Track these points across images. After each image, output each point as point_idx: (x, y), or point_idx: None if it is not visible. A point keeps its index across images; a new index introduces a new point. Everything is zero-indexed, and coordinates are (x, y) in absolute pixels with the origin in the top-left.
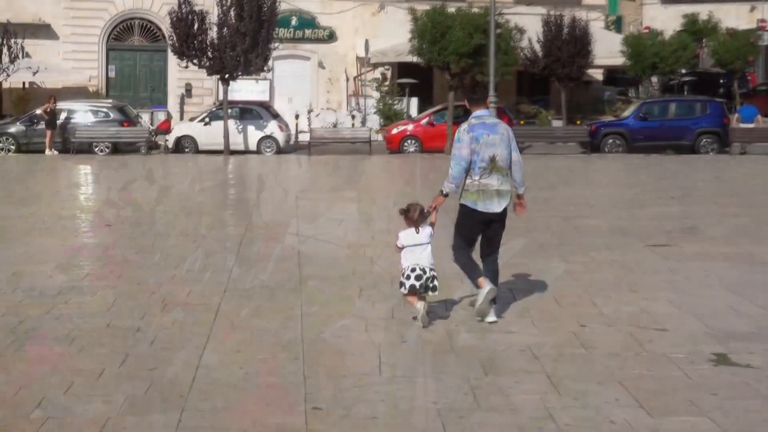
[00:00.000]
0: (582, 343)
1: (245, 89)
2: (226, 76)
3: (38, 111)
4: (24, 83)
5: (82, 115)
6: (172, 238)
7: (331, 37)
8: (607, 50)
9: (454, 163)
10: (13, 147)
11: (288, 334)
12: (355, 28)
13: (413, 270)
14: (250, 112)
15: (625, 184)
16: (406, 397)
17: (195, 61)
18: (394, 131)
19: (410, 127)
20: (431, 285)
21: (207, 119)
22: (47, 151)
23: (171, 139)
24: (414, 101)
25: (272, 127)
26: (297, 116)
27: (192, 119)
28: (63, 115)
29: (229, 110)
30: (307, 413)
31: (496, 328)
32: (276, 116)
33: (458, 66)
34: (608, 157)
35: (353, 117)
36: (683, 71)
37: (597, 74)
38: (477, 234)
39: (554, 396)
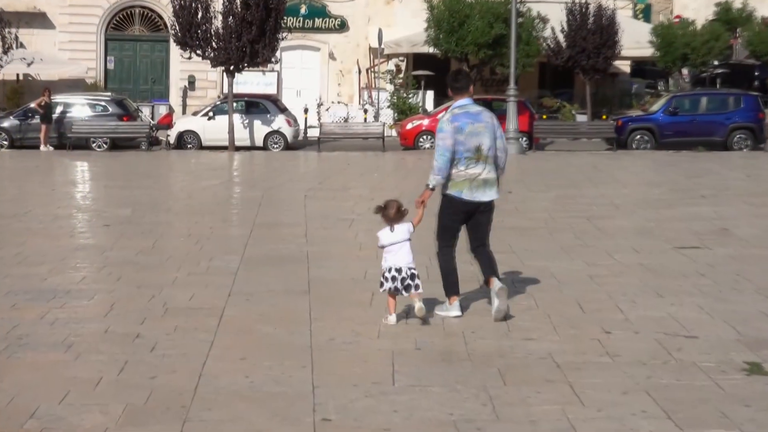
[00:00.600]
0: (606, 351)
1: (251, 82)
2: (232, 67)
3: (33, 104)
4: (18, 75)
5: (78, 108)
6: (174, 238)
7: (343, 26)
8: (635, 40)
9: (438, 155)
10: (6, 142)
11: (296, 340)
12: (368, 17)
13: (390, 270)
14: (256, 105)
15: (653, 183)
16: (421, 407)
17: (198, 51)
18: (409, 126)
19: (426, 121)
20: (414, 284)
21: (211, 113)
22: (42, 147)
23: (173, 134)
24: (430, 94)
25: (280, 122)
26: (306, 110)
27: (195, 113)
28: (59, 109)
29: (235, 104)
30: (316, 425)
31: (516, 335)
32: (284, 110)
33: (477, 57)
34: (635, 153)
35: (365, 111)
36: (716, 63)
37: (624, 66)
38: (460, 224)
39: (577, 407)
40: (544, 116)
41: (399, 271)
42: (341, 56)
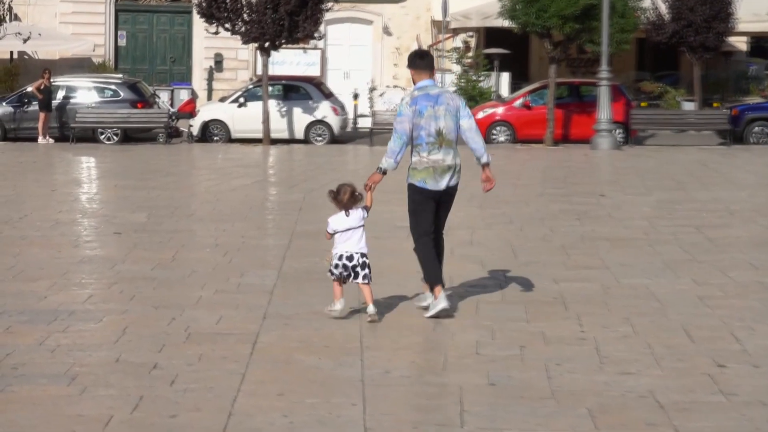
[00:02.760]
0: (720, 389)
1: (290, 61)
2: (267, 44)
3: (30, 88)
4: (12, 53)
5: (84, 93)
6: (198, 249)
7: None
8: (753, 12)
9: (395, 137)
10: None
11: (344, 372)
12: None
13: (341, 258)
14: (296, 90)
15: None
16: None
17: (227, 25)
18: (480, 115)
19: (500, 110)
20: (362, 273)
21: (242, 99)
22: (41, 139)
23: (196, 124)
24: (505, 77)
25: (324, 110)
26: (356, 96)
27: (223, 99)
28: (60, 94)
29: (270, 88)
30: None
31: (611, 369)
32: (329, 96)
33: (562, 32)
34: (754, 149)
35: None
36: None
37: (740, 43)
38: (432, 213)
39: None
40: (643, 103)
41: (350, 258)
42: (398, 31)
